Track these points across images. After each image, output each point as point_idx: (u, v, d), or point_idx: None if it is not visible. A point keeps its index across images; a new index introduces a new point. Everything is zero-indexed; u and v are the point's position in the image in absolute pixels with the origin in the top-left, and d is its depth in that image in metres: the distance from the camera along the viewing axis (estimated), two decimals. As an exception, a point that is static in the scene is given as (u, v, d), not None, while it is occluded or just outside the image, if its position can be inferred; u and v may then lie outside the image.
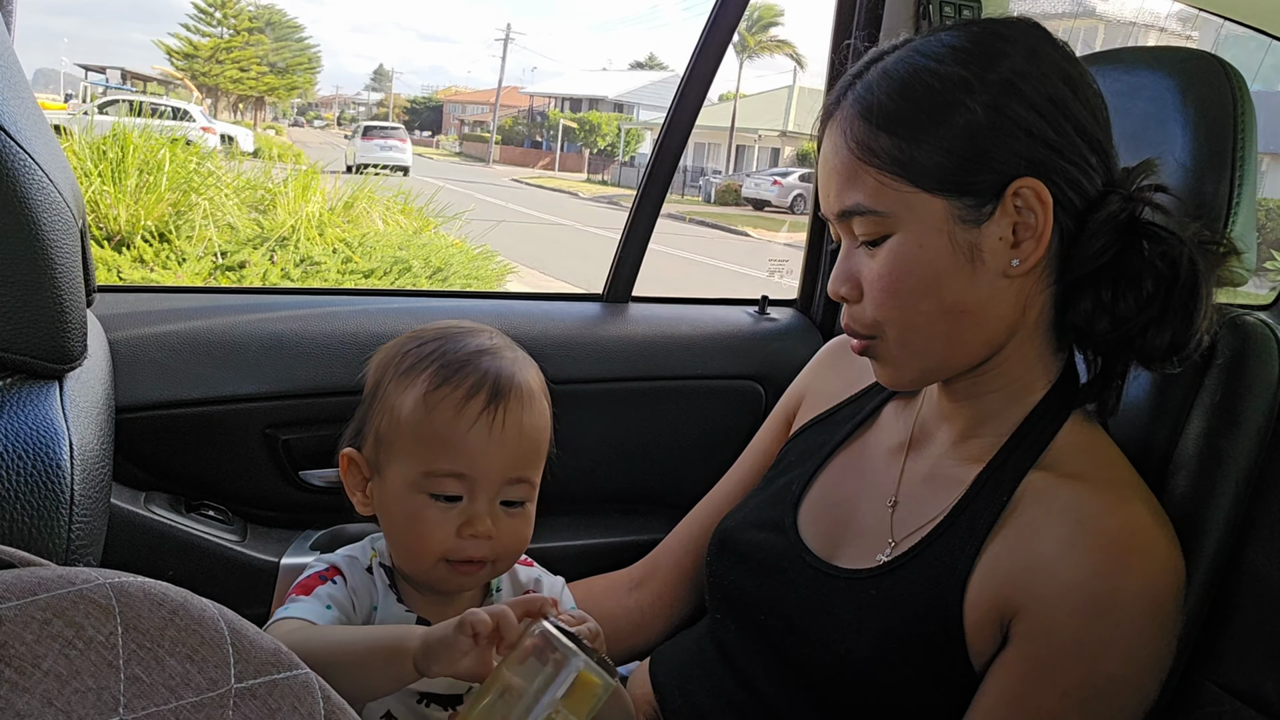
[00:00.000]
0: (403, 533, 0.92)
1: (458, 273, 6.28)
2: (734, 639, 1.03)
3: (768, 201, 23.62)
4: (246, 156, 9.93)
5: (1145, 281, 0.86)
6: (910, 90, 0.87)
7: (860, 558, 0.96)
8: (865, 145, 0.88)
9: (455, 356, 0.93)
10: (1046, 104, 0.86)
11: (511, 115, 44.16)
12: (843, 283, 0.93)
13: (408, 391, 0.92)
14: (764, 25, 34.69)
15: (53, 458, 0.73)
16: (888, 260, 0.88)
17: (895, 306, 0.89)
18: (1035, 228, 0.86)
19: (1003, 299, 0.89)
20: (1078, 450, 0.91)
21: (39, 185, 0.73)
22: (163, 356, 1.29)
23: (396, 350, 0.96)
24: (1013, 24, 0.91)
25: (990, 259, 0.87)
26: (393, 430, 0.92)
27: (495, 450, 0.90)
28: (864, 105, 0.89)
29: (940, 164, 0.86)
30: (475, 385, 0.90)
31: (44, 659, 0.43)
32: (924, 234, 0.87)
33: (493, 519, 0.91)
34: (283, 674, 0.50)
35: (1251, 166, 0.98)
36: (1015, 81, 0.86)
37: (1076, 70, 0.89)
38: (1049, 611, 0.83)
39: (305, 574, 0.95)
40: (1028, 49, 0.88)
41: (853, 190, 0.89)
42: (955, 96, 0.86)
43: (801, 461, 1.10)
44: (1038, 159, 0.85)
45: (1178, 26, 21.61)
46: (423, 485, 0.90)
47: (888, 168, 0.87)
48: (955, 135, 0.86)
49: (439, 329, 0.98)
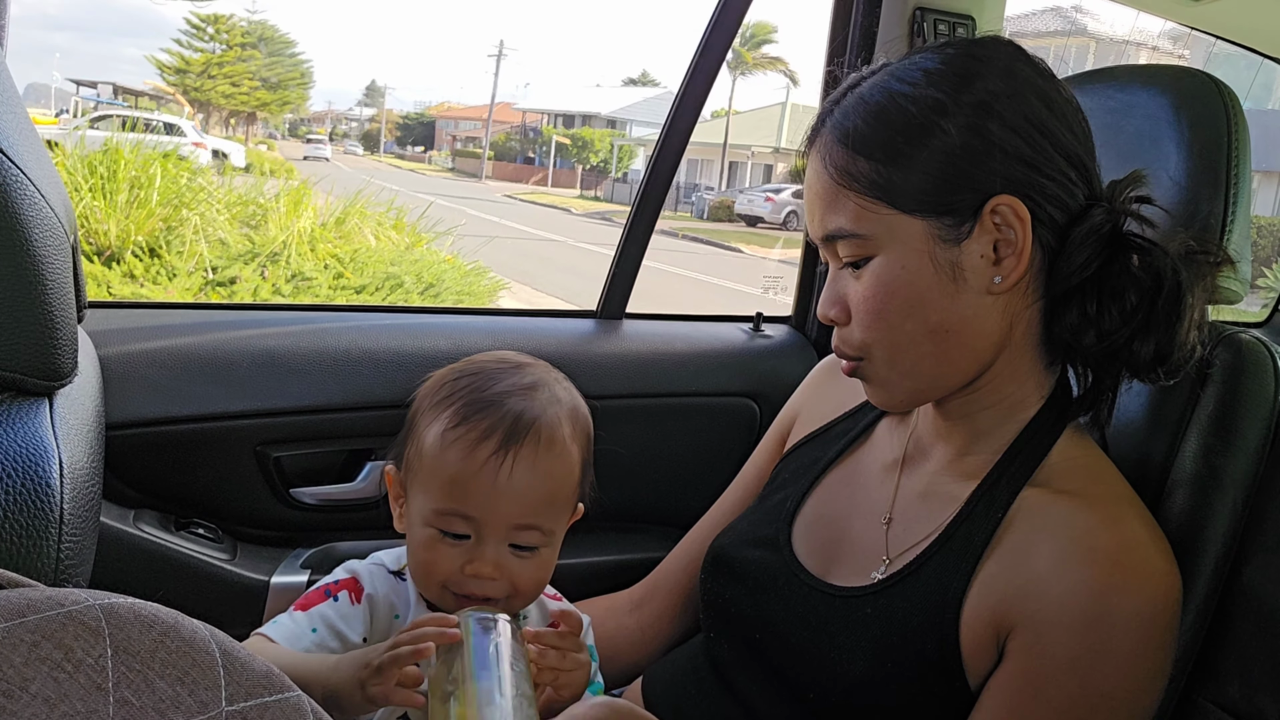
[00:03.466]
0: (417, 560, 0.93)
1: (450, 289, 6.28)
2: (728, 657, 1.03)
3: (761, 218, 23.69)
4: (238, 171, 9.93)
5: (1129, 293, 0.87)
6: (886, 115, 0.89)
7: (855, 575, 0.96)
8: (844, 170, 0.90)
9: (483, 395, 0.93)
10: (1023, 123, 0.86)
11: (504, 131, 44.27)
12: (830, 305, 0.94)
13: (432, 426, 0.92)
14: (757, 43, 34.87)
15: (42, 476, 0.72)
16: (871, 282, 0.89)
17: (881, 328, 0.90)
18: (1015, 244, 0.87)
19: (988, 316, 0.89)
20: (1072, 466, 0.91)
21: (31, 201, 0.73)
22: (153, 373, 1.28)
23: (437, 381, 0.97)
24: (987, 44, 0.91)
25: (972, 277, 0.87)
26: (416, 461, 0.93)
27: (502, 496, 0.89)
28: (842, 131, 0.91)
29: (918, 186, 0.87)
30: (490, 428, 0.90)
31: (32, 682, 0.42)
32: (905, 255, 0.88)
33: (500, 561, 0.91)
34: (274, 696, 0.49)
35: (1246, 184, 0.98)
36: (990, 102, 0.86)
37: (1052, 87, 0.90)
38: (1044, 628, 0.83)
39: (320, 581, 0.95)
40: (1002, 69, 0.88)
41: (835, 214, 0.91)
42: (930, 119, 0.87)
43: (795, 479, 1.10)
44: (1015, 177, 0.86)
45: (1169, 45, 21.79)
46: (433, 520, 0.91)
47: (867, 191, 0.88)
48: (932, 157, 0.87)
49: (494, 360, 0.98)
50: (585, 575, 1.46)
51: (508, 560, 0.91)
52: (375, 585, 0.95)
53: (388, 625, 0.94)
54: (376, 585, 0.95)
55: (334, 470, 1.40)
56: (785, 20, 52.20)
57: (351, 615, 0.92)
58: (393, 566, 0.98)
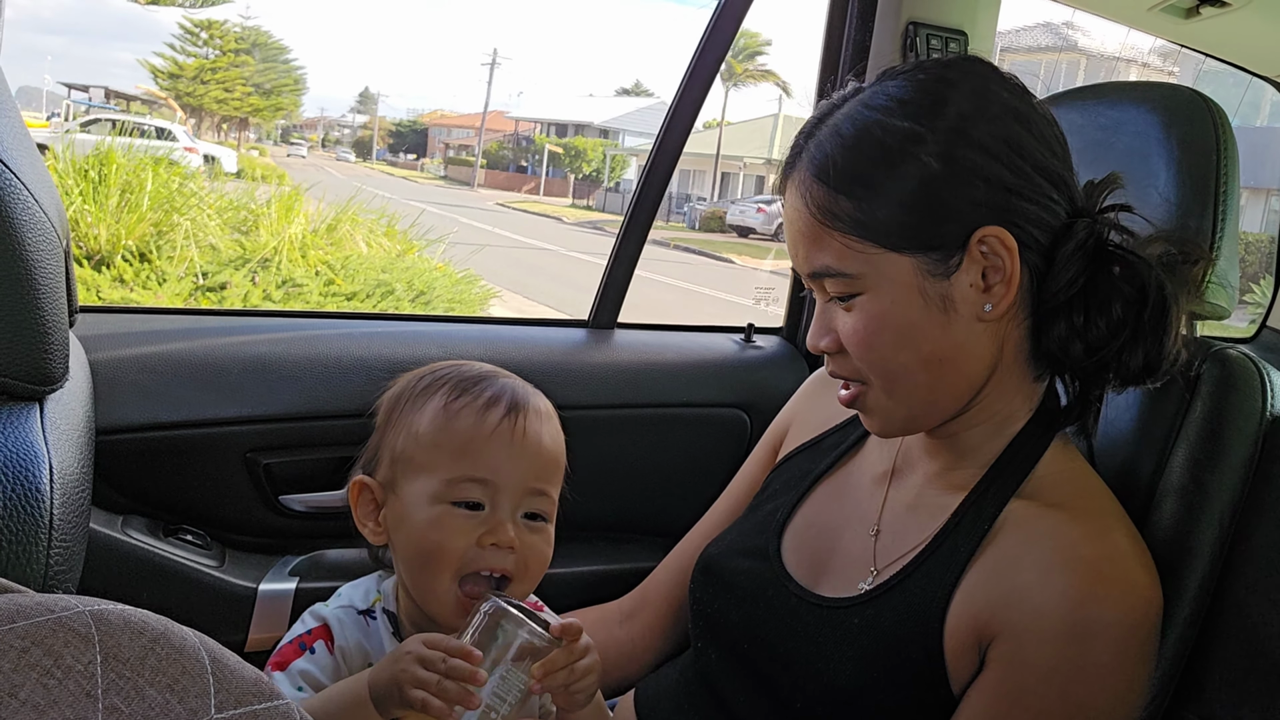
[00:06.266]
0: (420, 546, 0.90)
1: (441, 296, 6.28)
2: (717, 668, 1.03)
3: (752, 229, 23.74)
4: (230, 177, 9.91)
5: (1115, 304, 0.87)
6: (862, 148, 0.88)
7: (843, 586, 0.96)
8: (825, 209, 0.89)
9: (470, 374, 0.95)
10: (1000, 145, 0.86)
11: (497, 139, 44.29)
12: (821, 337, 0.94)
13: (426, 406, 0.93)
14: (750, 54, 34.98)
15: (32, 481, 0.72)
16: (861, 317, 0.89)
17: (875, 359, 0.90)
18: (1004, 271, 0.87)
19: (979, 341, 0.89)
20: (1059, 479, 0.92)
21: (24, 205, 0.73)
22: (143, 378, 1.28)
23: (409, 380, 0.98)
24: (957, 65, 0.91)
25: (962, 306, 0.88)
26: (412, 445, 0.92)
27: (517, 456, 0.91)
28: (818, 167, 0.90)
29: (901, 222, 0.86)
30: (494, 396, 0.93)
31: (21, 688, 0.42)
32: (894, 291, 0.88)
33: (515, 530, 0.90)
34: (263, 704, 0.49)
35: (1234, 201, 0.99)
36: (965, 128, 0.86)
37: (1026, 104, 0.90)
38: (1024, 637, 0.83)
39: (287, 638, 0.93)
40: (973, 91, 0.88)
41: (819, 253, 0.90)
42: (907, 150, 0.86)
43: (786, 490, 1.10)
44: (998, 204, 0.86)
45: (1159, 62, 21.95)
46: (445, 494, 0.90)
47: (850, 230, 0.88)
48: (912, 191, 0.86)
49: (449, 363, 0.99)
50: (575, 585, 1.46)
51: (522, 531, 0.91)
52: (345, 636, 0.92)
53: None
54: (347, 635, 0.92)
55: (323, 477, 1.40)
56: (778, 32, 52.41)
57: (330, 667, 0.90)
58: (362, 605, 0.96)
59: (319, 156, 35.50)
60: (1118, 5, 1.71)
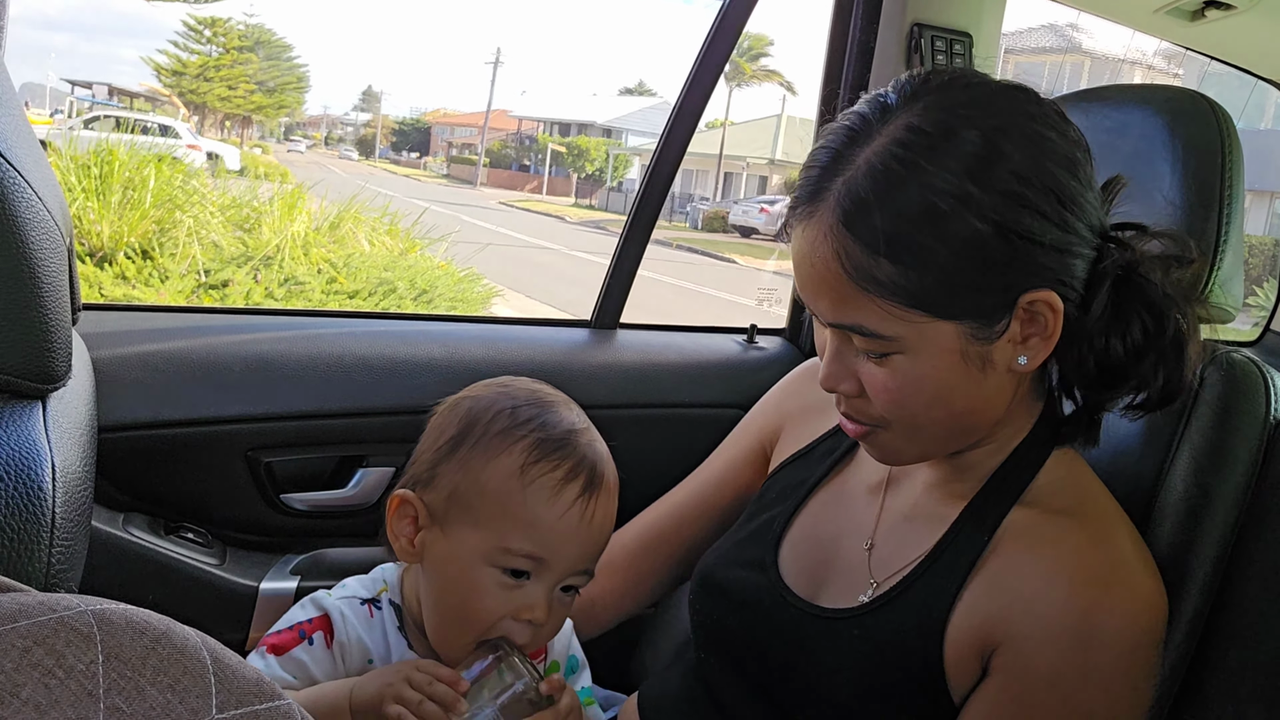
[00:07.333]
0: (453, 599, 0.89)
1: (443, 295, 6.28)
2: (719, 677, 1.02)
3: (755, 229, 23.71)
4: (232, 174, 9.92)
5: (1133, 330, 0.85)
6: (906, 207, 0.80)
7: (842, 597, 0.95)
8: (865, 272, 0.81)
9: (554, 432, 0.90)
10: (1053, 204, 0.81)
11: (500, 138, 44.28)
12: (840, 380, 0.89)
13: (501, 458, 0.88)
14: (754, 55, 34.97)
15: (34, 480, 0.72)
16: (895, 377, 0.84)
17: (904, 415, 0.87)
18: (1046, 329, 0.84)
19: (1006, 388, 0.88)
20: (1061, 485, 0.91)
21: (28, 203, 0.73)
22: (145, 376, 1.28)
23: (488, 405, 0.92)
24: (1003, 99, 0.84)
25: (999, 362, 0.85)
26: (475, 495, 0.88)
27: (581, 540, 0.88)
28: (853, 220, 0.81)
29: (950, 288, 0.81)
30: (574, 469, 0.88)
31: (23, 687, 0.42)
32: (935, 356, 0.83)
33: (550, 604, 0.89)
34: (264, 704, 0.49)
35: (1239, 205, 0.99)
36: (1021, 190, 0.80)
37: (1069, 142, 0.84)
38: (1028, 646, 0.83)
39: (288, 623, 0.91)
40: (1027, 140, 0.81)
41: (852, 311, 0.83)
42: (958, 213, 0.79)
43: (782, 499, 1.08)
44: (1048, 266, 0.82)
45: (1163, 64, 21.93)
46: (497, 559, 0.87)
47: (893, 296, 0.81)
48: (962, 257, 0.80)
49: (529, 391, 0.94)
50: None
51: (554, 606, 0.89)
52: (347, 630, 0.90)
53: (361, 670, 0.90)
54: (348, 629, 0.90)
55: (325, 476, 1.40)
56: (782, 32, 52.45)
57: (325, 661, 0.89)
58: (367, 594, 0.94)
59: (322, 154, 35.55)
60: (1123, 7, 1.71)
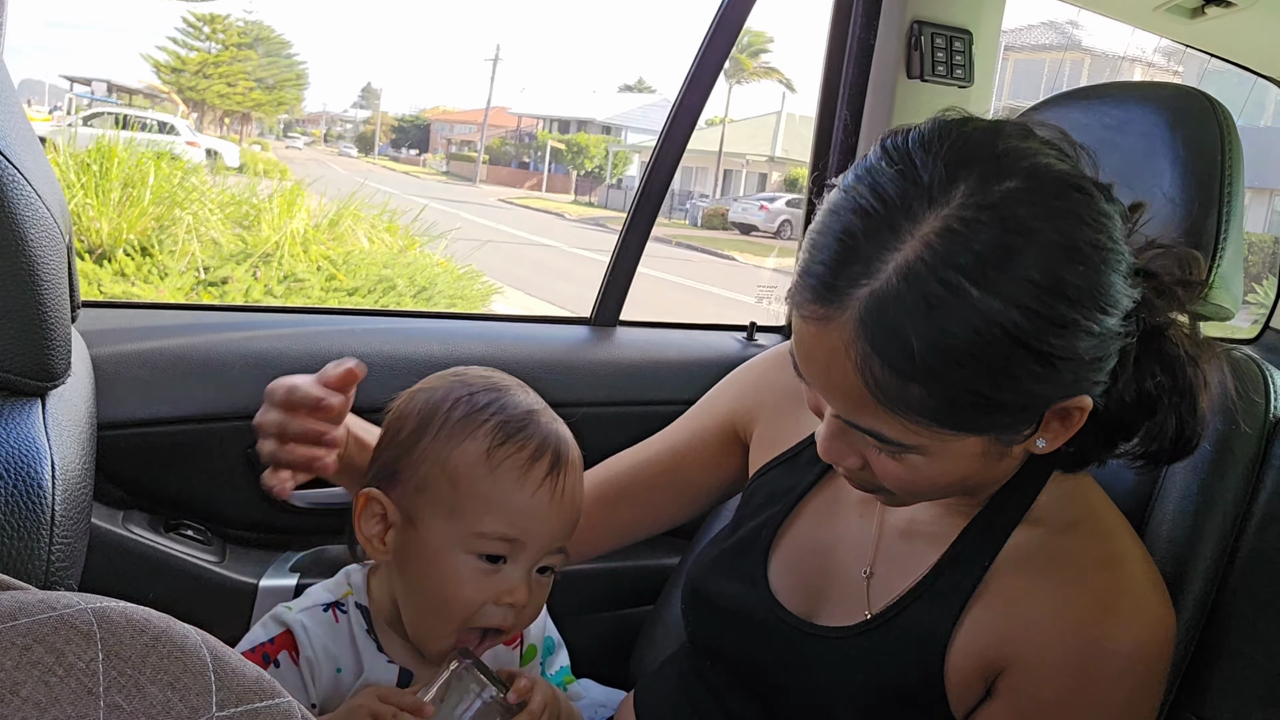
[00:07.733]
0: (431, 592, 0.88)
1: (442, 292, 6.28)
2: (720, 683, 1.01)
3: (754, 226, 23.68)
4: (232, 171, 9.92)
5: (1147, 378, 0.81)
6: (951, 339, 0.70)
7: (838, 615, 0.93)
8: (890, 393, 0.73)
9: (514, 414, 0.89)
10: (1097, 320, 0.73)
11: (499, 135, 44.24)
12: (844, 456, 0.83)
13: (465, 446, 0.87)
14: (754, 52, 34.94)
15: (34, 477, 0.72)
16: (908, 471, 0.80)
17: (913, 493, 0.85)
18: (1072, 423, 0.79)
19: (1019, 459, 0.85)
20: (1064, 500, 0.89)
21: (27, 201, 0.73)
22: (144, 373, 1.28)
23: (444, 394, 0.91)
24: (1067, 209, 0.73)
25: (1019, 449, 0.82)
26: (443, 484, 0.87)
27: (552, 518, 0.88)
28: (887, 350, 0.72)
29: (984, 409, 0.75)
30: (539, 448, 0.88)
31: (23, 686, 0.42)
32: (955, 458, 0.79)
33: (528, 589, 0.88)
34: (264, 702, 0.49)
35: (1239, 202, 0.99)
36: (1075, 317, 0.72)
37: (1116, 234, 0.75)
38: (1035, 668, 0.82)
39: (247, 642, 0.89)
40: (1087, 257, 0.72)
41: (870, 419, 0.77)
42: (1004, 342, 0.71)
43: (769, 505, 1.03)
44: (1085, 377, 0.76)
45: (1163, 61, 21.91)
46: (471, 545, 0.86)
47: (919, 417, 0.75)
48: (1003, 385, 0.73)
49: (483, 378, 0.93)
50: (580, 583, 1.45)
51: (532, 588, 0.89)
52: (311, 643, 0.89)
53: (331, 682, 0.89)
54: (313, 642, 0.89)
55: (325, 474, 1.39)
56: (782, 29, 52.40)
57: (293, 678, 0.88)
58: (330, 598, 0.92)
59: (321, 151, 35.51)
60: (1123, 5, 1.71)
